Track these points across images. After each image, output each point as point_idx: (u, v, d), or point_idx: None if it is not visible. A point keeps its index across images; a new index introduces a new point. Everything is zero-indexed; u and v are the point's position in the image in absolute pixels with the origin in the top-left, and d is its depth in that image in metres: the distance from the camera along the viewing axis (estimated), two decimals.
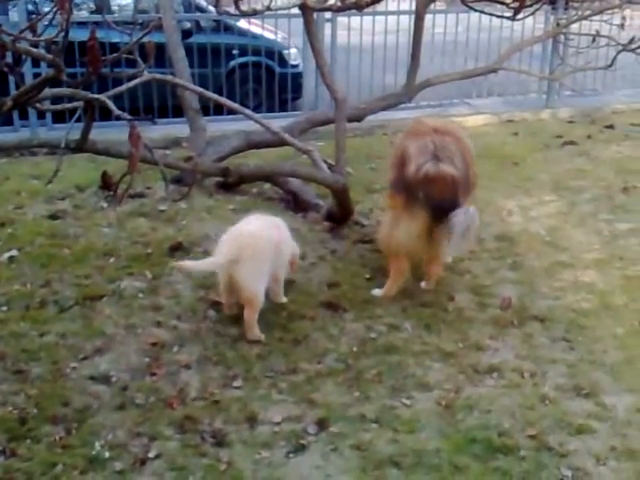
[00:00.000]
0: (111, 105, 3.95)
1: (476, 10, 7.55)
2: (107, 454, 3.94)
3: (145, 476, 3.84)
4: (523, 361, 4.86)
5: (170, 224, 6.61)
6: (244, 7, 6.31)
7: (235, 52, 10.30)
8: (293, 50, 10.84)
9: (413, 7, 8.22)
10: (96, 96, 4.09)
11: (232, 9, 6.21)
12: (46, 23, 3.77)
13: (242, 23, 10.53)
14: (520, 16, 7.06)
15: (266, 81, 10.38)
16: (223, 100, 5.88)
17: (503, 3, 7.01)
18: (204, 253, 5.82)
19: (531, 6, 7.15)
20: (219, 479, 3.84)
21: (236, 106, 5.96)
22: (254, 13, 6.51)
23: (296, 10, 6.98)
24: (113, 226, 6.56)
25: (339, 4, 6.56)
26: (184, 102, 7.92)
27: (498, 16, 7.87)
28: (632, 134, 9.93)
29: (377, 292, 5.62)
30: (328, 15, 9.75)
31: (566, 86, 10.12)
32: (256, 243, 4.93)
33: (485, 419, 4.29)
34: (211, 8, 10.03)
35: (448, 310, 5.43)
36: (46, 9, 3.73)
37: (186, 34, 9.62)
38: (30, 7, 8.83)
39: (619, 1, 8.93)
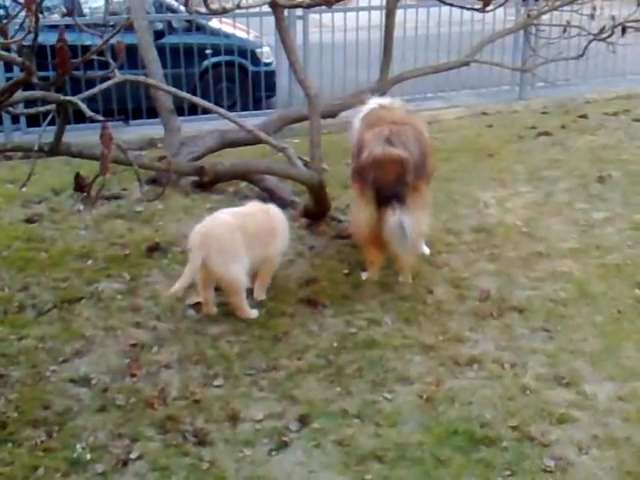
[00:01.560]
0: (83, 107, 3.92)
1: (446, 3, 7.56)
2: (88, 456, 3.91)
3: (127, 477, 3.81)
4: (503, 352, 4.87)
5: (147, 225, 6.61)
6: (214, 6, 6.28)
7: (208, 52, 10.28)
8: (266, 48, 10.84)
9: (384, 2, 8.22)
10: (67, 98, 4.07)
11: (202, 8, 6.18)
12: (17, 27, 3.76)
13: (214, 23, 10.52)
14: (490, 8, 7.06)
15: (240, 80, 10.37)
16: (197, 100, 5.86)
17: None
18: (182, 253, 5.82)
19: None
20: (202, 479, 3.82)
21: (210, 105, 5.95)
22: (224, 12, 6.48)
23: (267, 8, 6.96)
24: (90, 228, 6.55)
25: (309, 1, 6.54)
26: (158, 103, 7.91)
27: (468, 8, 7.88)
28: (606, 123, 9.99)
29: (364, 275, 5.72)
30: (299, 12, 9.74)
31: (539, 77, 10.15)
32: (218, 231, 5.05)
33: (466, 411, 4.29)
34: (182, 8, 10.00)
35: (427, 303, 5.43)
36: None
37: (158, 35, 9.60)
38: (1, 12, 8.76)
39: None
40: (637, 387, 4.50)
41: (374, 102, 6.09)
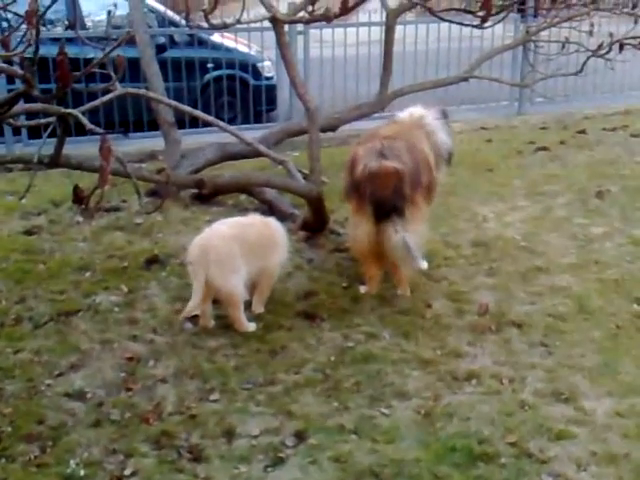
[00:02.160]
0: (83, 119, 3.91)
1: (445, 20, 7.57)
2: (82, 472, 3.88)
3: None
4: (502, 367, 4.84)
5: (146, 237, 6.59)
6: (215, 21, 6.28)
7: (209, 66, 10.32)
8: (267, 63, 10.89)
9: (384, 19, 8.24)
10: (68, 111, 4.06)
11: (204, 23, 6.18)
12: (19, 40, 3.77)
13: (216, 37, 10.55)
14: (488, 24, 7.07)
15: (241, 93, 10.40)
16: (197, 112, 5.85)
17: (470, 12, 7.03)
18: (180, 265, 5.81)
19: (498, 14, 7.17)
20: None
21: (210, 118, 5.94)
22: (225, 26, 6.49)
23: (268, 23, 6.97)
24: (88, 240, 6.54)
25: (308, 17, 6.55)
26: (159, 116, 7.92)
27: (467, 25, 7.89)
28: (604, 138, 9.99)
29: (363, 288, 5.72)
30: (300, 28, 9.77)
31: (537, 93, 10.17)
32: (216, 242, 5.05)
33: (465, 427, 4.26)
34: (184, 23, 10.04)
35: (426, 317, 5.41)
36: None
37: (160, 49, 9.62)
38: (4, 24, 8.77)
39: (587, 8, 9.00)
40: (636, 403, 4.48)
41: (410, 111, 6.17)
